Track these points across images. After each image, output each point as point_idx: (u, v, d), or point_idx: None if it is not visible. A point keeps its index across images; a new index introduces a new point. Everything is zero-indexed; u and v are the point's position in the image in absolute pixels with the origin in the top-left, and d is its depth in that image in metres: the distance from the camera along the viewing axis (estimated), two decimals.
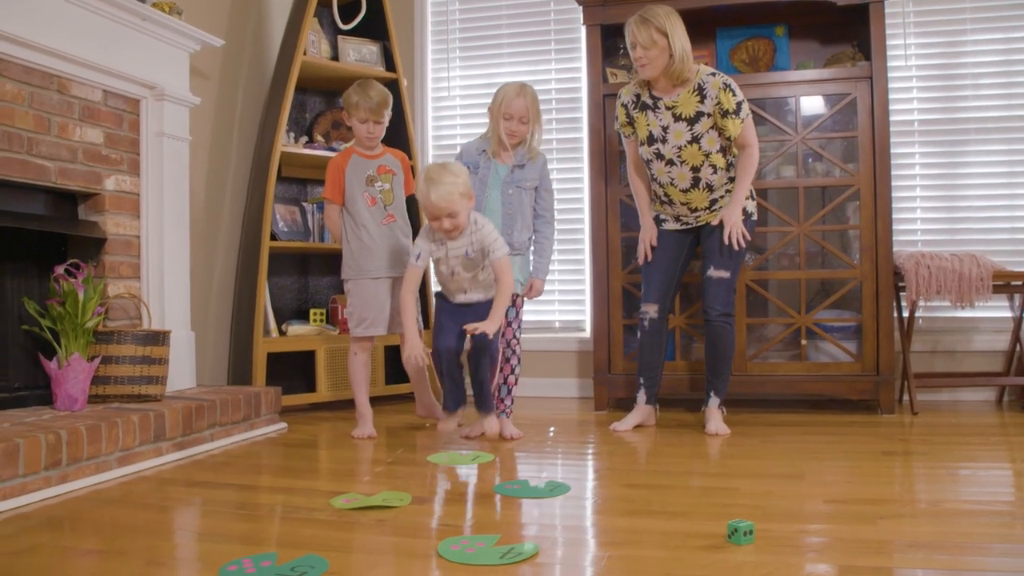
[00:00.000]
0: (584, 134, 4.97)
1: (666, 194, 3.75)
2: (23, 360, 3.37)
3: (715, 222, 3.67)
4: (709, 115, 3.58)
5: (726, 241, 3.61)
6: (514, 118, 3.63)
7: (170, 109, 3.81)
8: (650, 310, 3.85)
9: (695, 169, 3.63)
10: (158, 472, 3.05)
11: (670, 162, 3.66)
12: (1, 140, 3.05)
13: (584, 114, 4.94)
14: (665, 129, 3.66)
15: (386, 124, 3.85)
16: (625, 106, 3.80)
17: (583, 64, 4.81)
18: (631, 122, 3.79)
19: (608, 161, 4.43)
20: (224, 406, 3.59)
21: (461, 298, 3.51)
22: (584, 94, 4.87)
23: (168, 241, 3.81)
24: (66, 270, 3.29)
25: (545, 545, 2.09)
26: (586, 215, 4.97)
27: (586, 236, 4.99)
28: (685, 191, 3.68)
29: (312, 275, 5.03)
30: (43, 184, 3.26)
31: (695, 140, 3.60)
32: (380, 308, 3.79)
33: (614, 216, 4.42)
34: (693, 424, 3.92)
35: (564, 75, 5.17)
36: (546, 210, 3.77)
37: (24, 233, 3.32)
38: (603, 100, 4.43)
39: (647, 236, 3.87)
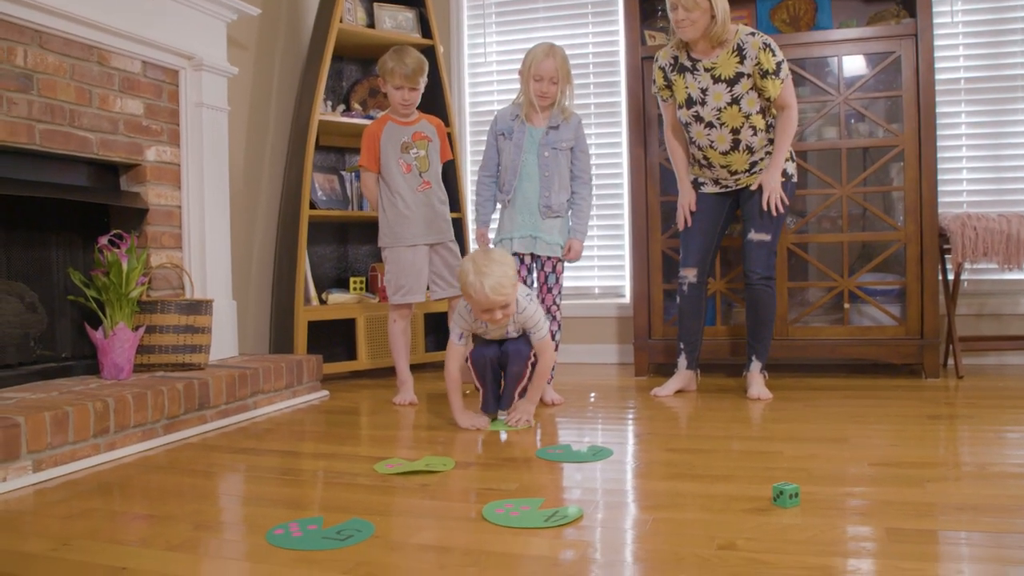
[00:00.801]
0: (622, 98, 4.95)
1: (705, 157, 3.70)
2: (69, 330, 3.43)
3: (754, 186, 3.62)
4: (749, 76, 3.53)
5: (764, 207, 3.57)
6: (544, 79, 3.61)
7: (208, 79, 3.83)
8: (689, 274, 3.82)
9: (735, 131, 3.59)
10: (203, 439, 3.10)
11: (709, 124, 3.62)
12: (44, 112, 3.08)
13: (622, 78, 4.91)
14: (704, 91, 3.61)
15: (421, 91, 3.83)
16: (663, 69, 3.75)
17: (620, 27, 4.77)
18: (669, 85, 3.74)
19: (646, 125, 4.38)
20: (267, 374, 3.63)
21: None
22: (622, 57, 4.81)
23: (209, 211, 3.83)
24: (110, 240, 3.33)
25: (589, 509, 2.09)
26: (625, 180, 4.94)
27: (625, 201, 4.96)
28: (725, 153, 3.64)
29: (351, 243, 5.04)
30: (85, 156, 3.30)
31: (735, 101, 3.56)
32: (417, 275, 3.81)
33: (653, 180, 4.38)
34: (734, 389, 3.90)
35: (601, 39, 5.12)
36: (583, 171, 3.74)
37: (68, 204, 3.37)
38: (641, 63, 4.38)
39: (685, 201, 3.83)
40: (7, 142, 2.94)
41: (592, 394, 3.91)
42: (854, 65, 4.26)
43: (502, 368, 3.31)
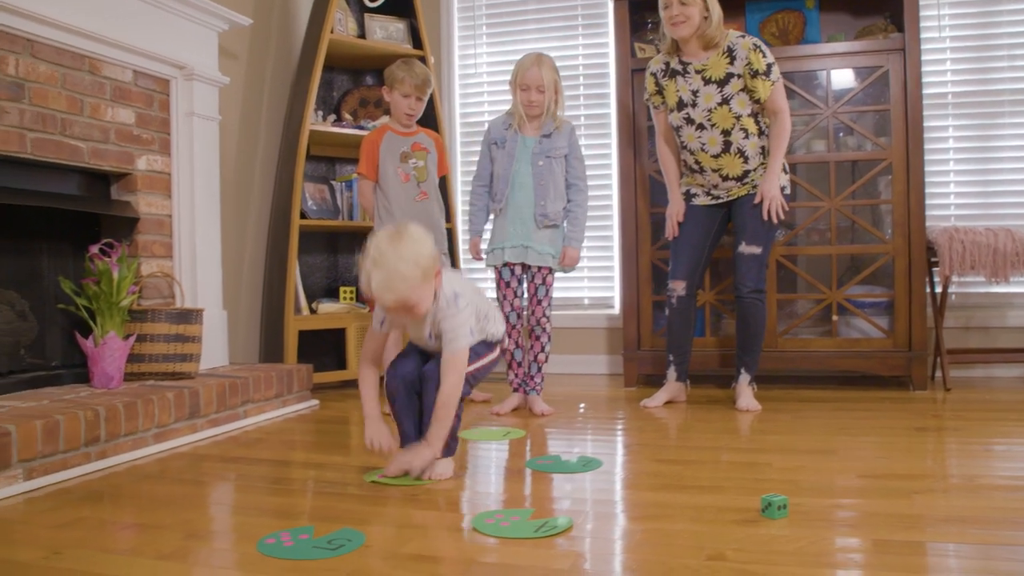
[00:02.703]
0: (612, 109, 4.96)
1: (697, 161, 3.72)
2: (60, 338, 3.42)
3: (756, 200, 3.63)
4: (739, 76, 3.56)
5: (765, 216, 3.59)
6: (531, 88, 3.65)
7: (200, 89, 3.83)
8: (678, 287, 3.83)
9: (726, 132, 3.60)
10: (193, 448, 3.09)
11: (700, 126, 3.64)
12: (35, 121, 3.08)
13: (612, 89, 4.93)
14: (695, 93, 3.63)
15: (425, 103, 3.87)
16: (654, 75, 3.78)
17: (611, 39, 4.79)
18: (660, 91, 3.77)
19: (636, 136, 4.41)
20: (257, 383, 3.63)
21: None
22: (612, 69, 4.85)
23: (199, 220, 3.83)
24: (100, 249, 3.32)
25: (579, 519, 2.10)
26: (615, 191, 4.96)
27: (615, 212, 4.98)
28: (716, 156, 3.65)
29: (341, 253, 5.05)
30: (76, 164, 3.30)
31: (725, 101, 3.58)
32: None
33: (643, 191, 4.40)
34: (723, 400, 3.91)
35: (591, 50, 5.14)
36: (578, 178, 3.76)
37: (59, 213, 3.36)
38: (631, 75, 4.41)
39: (674, 211, 3.85)
40: (2, 151, 2.94)
41: (581, 405, 3.91)
42: (843, 79, 4.29)
43: (419, 393, 2.61)
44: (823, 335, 4.26)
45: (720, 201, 3.77)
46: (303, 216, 4.50)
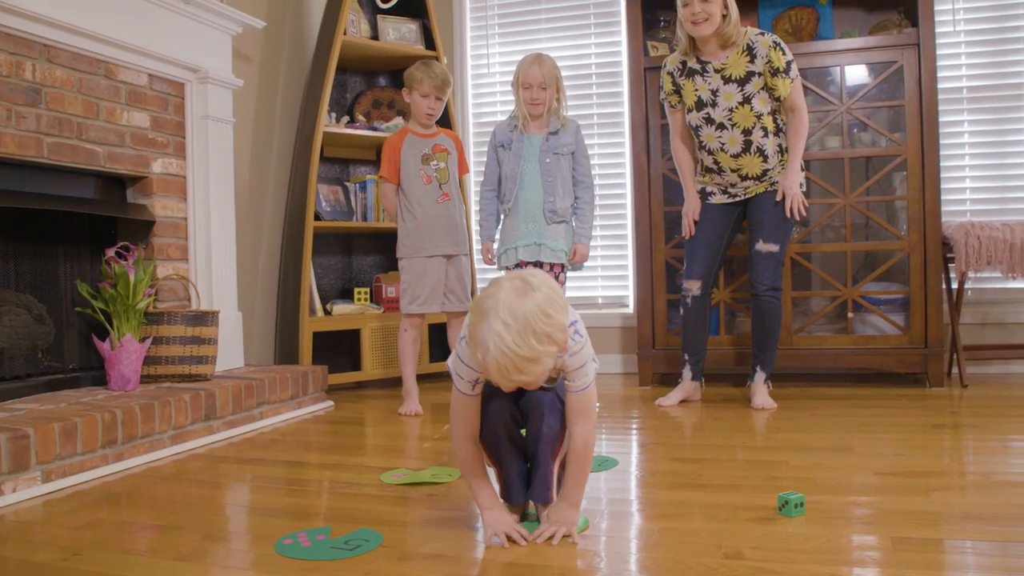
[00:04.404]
0: (625, 108, 4.96)
1: (716, 161, 3.70)
2: (77, 341, 3.44)
3: (778, 197, 3.61)
4: (759, 74, 3.54)
5: (788, 213, 3.57)
6: (533, 86, 3.67)
7: (214, 92, 3.85)
8: (693, 287, 3.82)
9: (746, 132, 3.59)
10: (210, 450, 3.10)
11: (720, 126, 3.62)
12: (52, 125, 3.10)
13: (625, 88, 4.93)
14: (715, 92, 3.62)
15: (444, 104, 3.89)
16: (671, 74, 3.76)
17: (623, 38, 4.79)
18: (677, 90, 3.75)
19: (649, 135, 4.40)
20: (272, 385, 3.64)
21: None
22: (624, 68, 4.85)
23: (215, 223, 3.85)
24: (117, 252, 3.35)
25: (595, 518, 2.10)
26: (628, 190, 4.95)
27: (628, 211, 4.97)
28: (736, 156, 3.64)
29: (355, 254, 5.06)
30: (92, 168, 3.32)
31: (746, 101, 3.57)
32: (434, 286, 3.85)
33: (657, 190, 4.40)
34: (738, 398, 3.91)
35: (604, 49, 5.14)
36: (585, 175, 3.77)
37: (75, 217, 3.39)
38: (644, 73, 4.40)
39: (690, 209, 3.84)
40: (16, 155, 2.97)
41: (596, 404, 3.89)
42: (856, 75, 4.28)
43: (521, 427, 2.06)
44: (838, 332, 4.24)
45: (737, 199, 3.76)
46: (317, 218, 4.52)
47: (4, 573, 1.81)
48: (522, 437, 2.04)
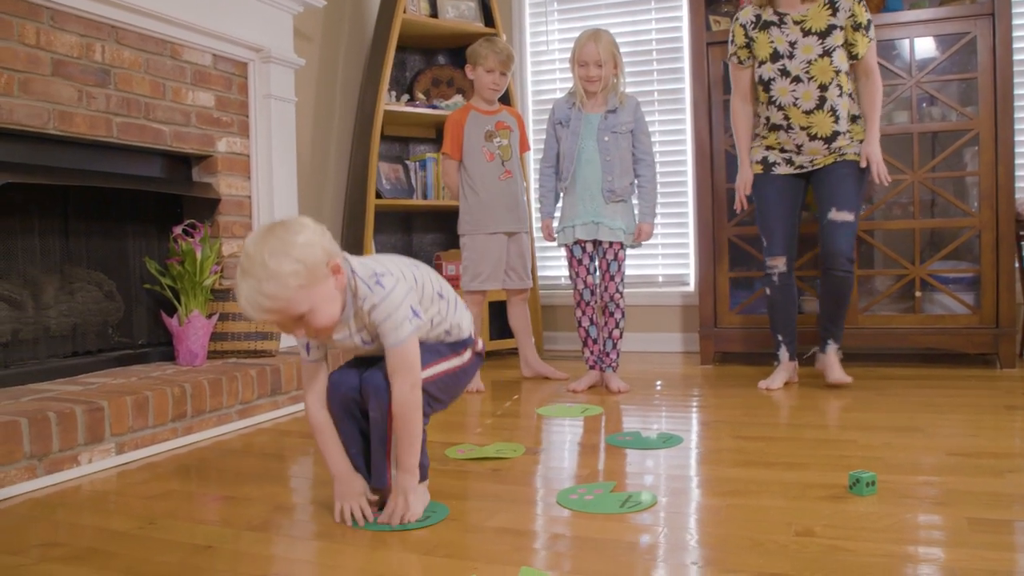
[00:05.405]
0: (686, 84, 4.90)
1: (786, 117, 3.57)
2: (146, 317, 3.50)
3: (862, 164, 3.49)
4: (841, 28, 3.45)
5: (876, 179, 3.47)
6: (589, 64, 3.63)
7: (276, 71, 3.88)
8: (778, 263, 3.69)
9: (823, 87, 3.48)
10: (275, 424, 3.15)
11: (796, 79, 3.51)
12: (121, 106, 3.14)
13: (685, 64, 4.87)
14: (792, 45, 3.51)
15: (508, 80, 3.91)
16: (744, 26, 3.64)
17: (684, 13, 4.73)
18: (749, 44, 3.64)
19: (712, 111, 4.34)
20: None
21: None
22: (685, 43, 4.79)
23: (277, 201, 3.88)
24: (184, 230, 3.39)
25: (662, 495, 2.09)
26: (689, 166, 4.90)
27: (689, 188, 4.92)
28: (808, 112, 3.52)
29: (416, 232, 5.08)
30: (160, 147, 3.36)
31: (827, 54, 3.46)
32: (495, 263, 3.87)
33: (719, 166, 4.34)
34: (802, 376, 3.84)
35: (664, 24, 5.07)
36: (645, 153, 3.73)
37: (143, 195, 3.44)
38: (706, 49, 4.33)
39: (743, 183, 3.74)
40: (87, 135, 3.02)
41: (658, 382, 3.89)
42: (926, 47, 4.17)
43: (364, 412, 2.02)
44: (904, 311, 4.16)
45: (803, 171, 3.65)
46: (378, 196, 4.54)
47: (85, 540, 1.87)
48: (363, 417, 2.01)
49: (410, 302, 1.91)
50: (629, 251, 3.80)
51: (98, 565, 1.70)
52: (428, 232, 5.08)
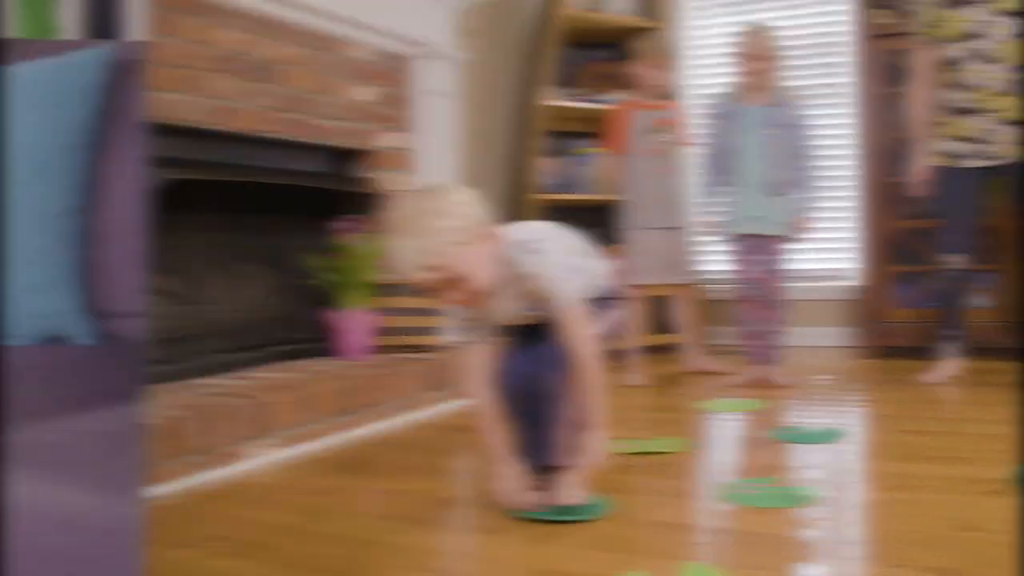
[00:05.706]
0: (847, 77, 4.74)
1: (975, 100, 3.39)
2: (307, 313, 3.57)
3: None
4: None
5: None
6: (751, 57, 3.61)
7: (437, 66, 3.90)
8: (955, 260, 3.50)
9: (1015, 69, 3.30)
10: (437, 419, 3.15)
11: (987, 59, 3.34)
12: (285, 102, 3.22)
13: (846, 57, 4.73)
14: (985, 24, 3.35)
15: (669, 75, 3.97)
16: (934, 5, 3.47)
17: (846, 7, 4.60)
18: (936, 23, 3.46)
19: (876, 104, 4.23)
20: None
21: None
22: (849, 38, 4.64)
23: None
24: (345, 225, 3.46)
25: (825, 489, 2.05)
26: (851, 161, 4.71)
27: (851, 183, 4.72)
28: (999, 95, 3.33)
29: (579, 228, 5.05)
30: (322, 143, 3.43)
31: (1021, 35, 3.29)
32: (657, 257, 3.90)
33: (885, 160, 4.22)
34: (966, 370, 3.60)
35: (825, 18, 4.93)
36: (806, 146, 3.68)
37: (305, 191, 3.51)
38: (870, 43, 4.26)
39: (920, 171, 3.57)
40: (252, 131, 3.09)
41: (822, 376, 3.78)
42: None
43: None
44: None
45: (992, 163, 3.40)
46: (539, 191, 4.55)
47: (249, 534, 1.89)
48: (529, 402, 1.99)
49: (565, 262, 1.95)
50: (791, 245, 3.72)
51: (262, 559, 1.73)
52: (591, 227, 5.02)
